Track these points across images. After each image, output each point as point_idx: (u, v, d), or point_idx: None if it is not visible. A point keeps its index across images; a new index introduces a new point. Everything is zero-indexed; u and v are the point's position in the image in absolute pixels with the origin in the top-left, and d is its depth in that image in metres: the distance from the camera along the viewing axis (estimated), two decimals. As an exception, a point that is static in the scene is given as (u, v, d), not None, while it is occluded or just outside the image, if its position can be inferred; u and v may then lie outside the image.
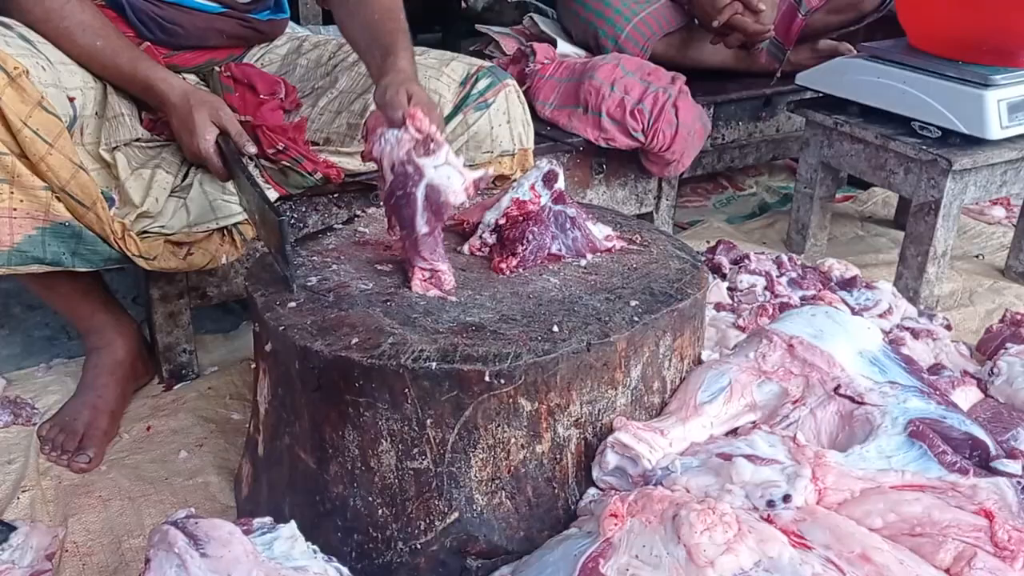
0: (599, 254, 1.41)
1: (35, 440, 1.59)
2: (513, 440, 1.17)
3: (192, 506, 1.44)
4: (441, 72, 1.62)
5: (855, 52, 2.31)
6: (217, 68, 1.67)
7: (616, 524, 1.09)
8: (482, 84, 1.63)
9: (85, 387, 1.66)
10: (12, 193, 1.31)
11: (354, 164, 1.63)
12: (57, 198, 1.34)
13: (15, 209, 1.32)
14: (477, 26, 2.50)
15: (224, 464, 1.56)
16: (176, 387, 1.78)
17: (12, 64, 1.27)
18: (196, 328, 1.83)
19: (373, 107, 1.61)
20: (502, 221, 1.39)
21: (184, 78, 1.65)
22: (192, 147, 1.45)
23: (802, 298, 1.87)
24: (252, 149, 1.48)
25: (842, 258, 2.12)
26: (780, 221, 2.59)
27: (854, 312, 1.83)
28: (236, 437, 1.61)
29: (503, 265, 1.34)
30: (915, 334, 1.78)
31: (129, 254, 1.41)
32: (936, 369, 1.67)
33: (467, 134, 1.63)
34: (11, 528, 1.36)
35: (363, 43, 1.54)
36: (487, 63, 1.69)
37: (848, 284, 1.96)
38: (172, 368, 1.79)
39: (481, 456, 1.17)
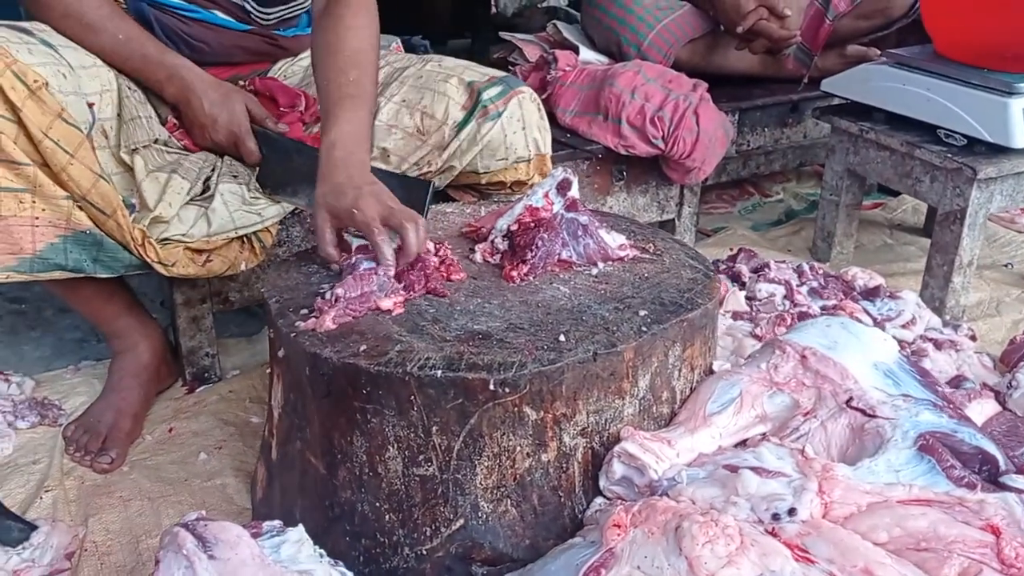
0: (611, 263, 1.41)
1: (60, 441, 1.63)
2: (518, 448, 1.18)
3: (210, 508, 1.48)
4: (449, 77, 1.64)
5: (883, 58, 2.28)
6: (241, 82, 1.70)
7: (619, 534, 1.10)
8: (493, 92, 1.63)
9: (110, 389, 1.69)
10: (34, 202, 1.35)
11: (371, 174, 1.65)
12: (79, 207, 1.38)
13: (37, 218, 1.35)
14: (501, 33, 2.52)
15: (242, 467, 1.59)
16: (198, 390, 1.81)
17: (32, 77, 1.30)
18: (219, 332, 1.87)
19: (386, 110, 1.64)
20: (514, 227, 1.40)
21: None
22: (232, 125, 1.53)
23: (823, 308, 1.86)
24: (284, 127, 1.57)
25: (869, 266, 2.10)
26: (806, 228, 2.56)
27: (876, 322, 1.82)
28: (254, 440, 1.63)
29: (514, 273, 1.35)
30: (938, 345, 1.76)
31: (148, 260, 1.44)
32: (958, 381, 1.65)
33: (480, 143, 1.64)
34: (33, 527, 1.39)
35: (320, 97, 1.48)
36: (500, 73, 1.69)
37: (871, 293, 1.94)
38: (195, 371, 1.82)
39: (486, 464, 1.18)
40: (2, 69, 1.27)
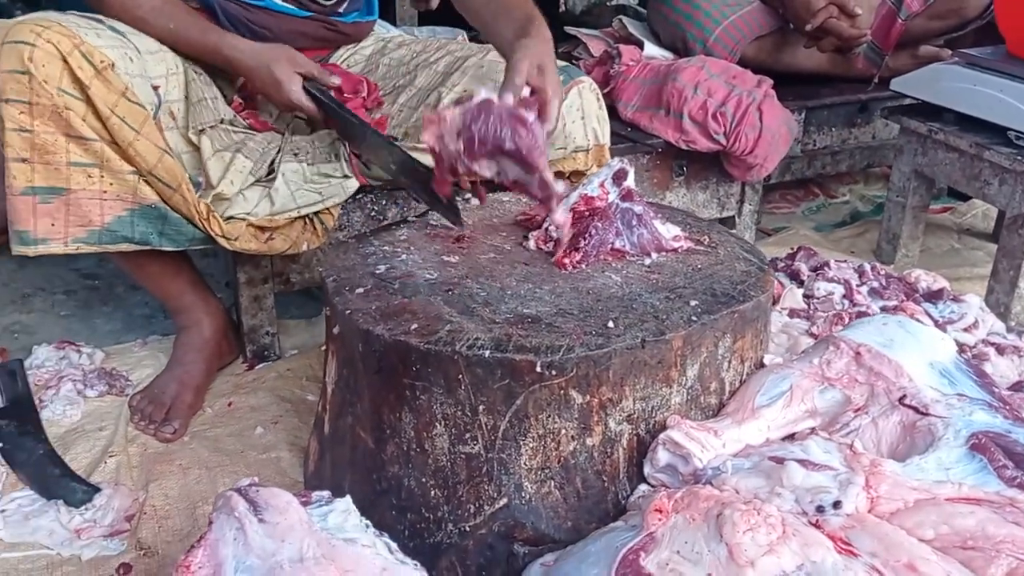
0: (664, 253, 1.42)
1: (126, 410, 1.70)
2: (563, 431, 1.19)
3: (264, 479, 1.52)
4: None
5: (955, 58, 2.24)
6: None
7: (660, 519, 1.10)
8: None
9: (174, 363, 1.76)
10: (102, 176, 1.41)
11: (429, 159, 1.67)
12: (145, 181, 1.44)
13: (105, 192, 1.42)
14: (566, 28, 2.53)
15: (296, 441, 1.63)
16: (258, 367, 1.87)
17: (99, 57, 1.37)
18: (280, 313, 1.92)
19: (447, 99, 1.66)
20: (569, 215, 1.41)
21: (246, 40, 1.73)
22: (283, 99, 1.55)
23: (882, 308, 1.83)
24: (336, 81, 1.59)
25: (935, 270, 2.05)
26: (871, 230, 2.52)
27: (938, 325, 1.78)
28: (309, 417, 1.67)
29: (566, 260, 1.36)
30: (1000, 350, 1.72)
31: (212, 234, 1.49)
32: (1020, 386, 1.60)
33: (540, 132, 1.66)
34: (96, 490, 1.46)
35: (489, 16, 1.58)
36: (561, 63, 1.70)
37: (934, 296, 1.90)
38: (255, 349, 1.88)
39: (531, 445, 1.19)
40: (70, 49, 1.34)
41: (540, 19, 1.52)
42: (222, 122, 1.56)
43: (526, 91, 1.39)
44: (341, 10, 1.73)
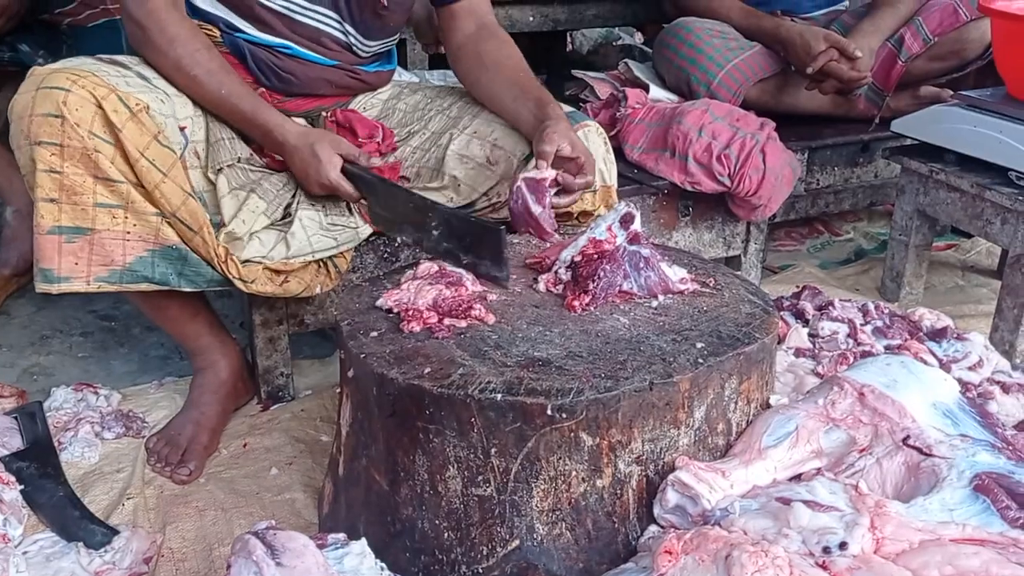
0: (671, 295, 1.44)
1: (143, 452, 1.72)
2: (574, 473, 1.22)
3: (279, 520, 1.54)
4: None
5: (956, 100, 2.28)
6: (324, 113, 1.80)
7: (670, 560, 1.12)
8: None
9: (190, 404, 1.79)
10: (126, 218, 1.46)
11: (441, 199, 1.72)
12: (168, 223, 1.49)
13: (128, 232, 1.47)
14: (573, 71, 2.58)
15: (310, 483, 1.65)
16: (272, 408, 1.89)
17: (134, 101, 1.43)
18: (294, 353, 1.95)
19: (457, 141, 1.71)
20: (578, 259, 1.45)
21: (294, 121, 1.79)
22: (320, 179, 1.58)
23: (887, 347, 1.85)
24: (377, 162, 1.66)
25: (939, 308, 2.07)
26: (875, 268, 2.55)
27: (942, 364, 1.80)
28: (323, 458, 1.70)
29: (575, 303, 1.39)
30: (1005, 388, 1.74)
31: (230, 276, 1.53)
32: (1024, 425, 1.62)
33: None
34: (115, 532, 1.48)
35: (509, 96, 1.72)
36: (568, 108, 1.75)
37: (938, 335, 1.92)
38: (270, 390, 1.91)
39: (543, 487, 1.22)
40: (106, 93, 1.40)
41: (552, 100, 1.68)
42: (239, 160, 1.61)
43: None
44: (364, 61, 1.79)
